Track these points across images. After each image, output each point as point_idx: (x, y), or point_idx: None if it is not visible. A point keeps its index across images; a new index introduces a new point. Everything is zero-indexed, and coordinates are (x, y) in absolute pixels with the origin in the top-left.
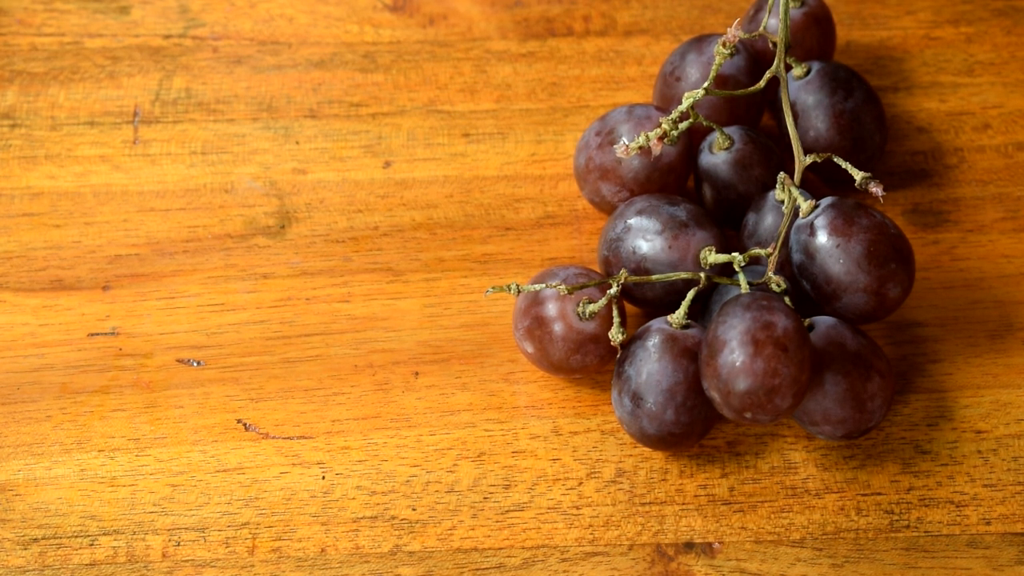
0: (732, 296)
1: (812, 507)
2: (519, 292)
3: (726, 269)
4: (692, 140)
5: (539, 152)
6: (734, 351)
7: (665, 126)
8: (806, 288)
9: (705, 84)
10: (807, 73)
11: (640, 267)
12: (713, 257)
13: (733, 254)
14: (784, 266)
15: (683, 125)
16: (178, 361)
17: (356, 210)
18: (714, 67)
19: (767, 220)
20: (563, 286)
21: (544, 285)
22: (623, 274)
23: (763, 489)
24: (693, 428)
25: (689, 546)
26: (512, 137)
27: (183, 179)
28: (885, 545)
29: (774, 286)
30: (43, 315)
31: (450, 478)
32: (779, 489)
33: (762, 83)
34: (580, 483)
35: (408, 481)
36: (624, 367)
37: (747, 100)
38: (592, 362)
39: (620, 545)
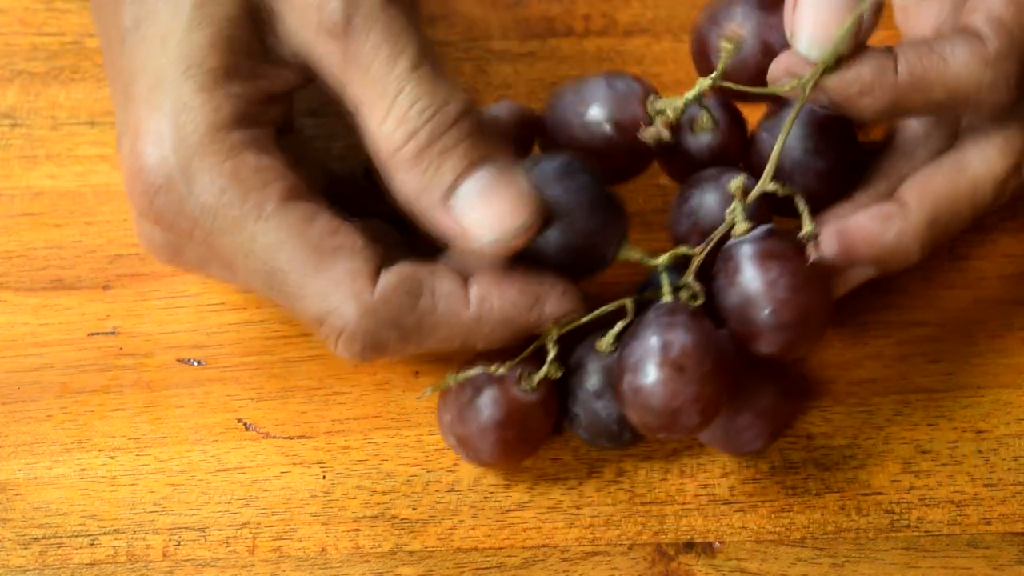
0: (651, 306)
1: (812, 507)
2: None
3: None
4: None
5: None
6: (636, 375)
7: (670, 112)
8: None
9: (712, 75)
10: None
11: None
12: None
13: (659, 258)
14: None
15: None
16: (178, 360)
17: None
18: (721, 62)
19: (708, 199)
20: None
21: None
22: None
23: (763, 489)
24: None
25: (689, 546)
26: None
27: None
28: (885, 545)
29: (686, 293)
30: (43, 315)
31: (450, 478)
32: (779, 489)
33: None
34: (580, 483)
35: (408, 481)
36: (571, 407)
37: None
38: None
39: (620, 545)
